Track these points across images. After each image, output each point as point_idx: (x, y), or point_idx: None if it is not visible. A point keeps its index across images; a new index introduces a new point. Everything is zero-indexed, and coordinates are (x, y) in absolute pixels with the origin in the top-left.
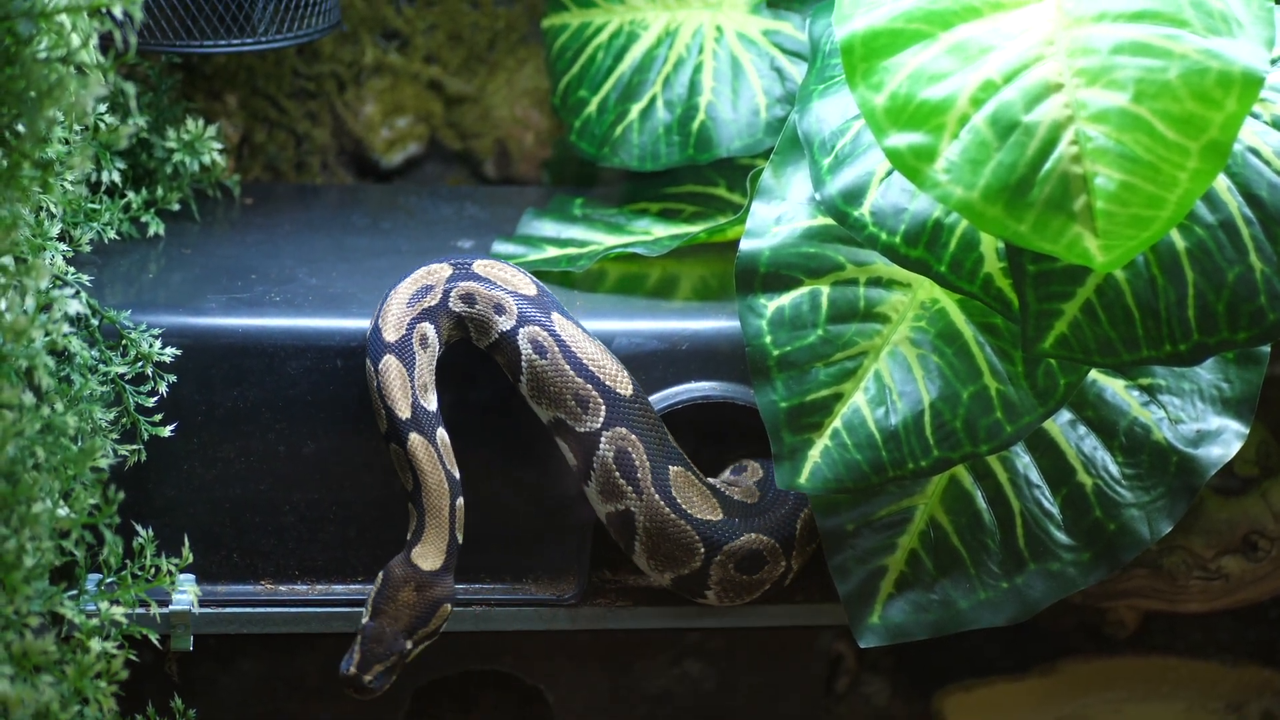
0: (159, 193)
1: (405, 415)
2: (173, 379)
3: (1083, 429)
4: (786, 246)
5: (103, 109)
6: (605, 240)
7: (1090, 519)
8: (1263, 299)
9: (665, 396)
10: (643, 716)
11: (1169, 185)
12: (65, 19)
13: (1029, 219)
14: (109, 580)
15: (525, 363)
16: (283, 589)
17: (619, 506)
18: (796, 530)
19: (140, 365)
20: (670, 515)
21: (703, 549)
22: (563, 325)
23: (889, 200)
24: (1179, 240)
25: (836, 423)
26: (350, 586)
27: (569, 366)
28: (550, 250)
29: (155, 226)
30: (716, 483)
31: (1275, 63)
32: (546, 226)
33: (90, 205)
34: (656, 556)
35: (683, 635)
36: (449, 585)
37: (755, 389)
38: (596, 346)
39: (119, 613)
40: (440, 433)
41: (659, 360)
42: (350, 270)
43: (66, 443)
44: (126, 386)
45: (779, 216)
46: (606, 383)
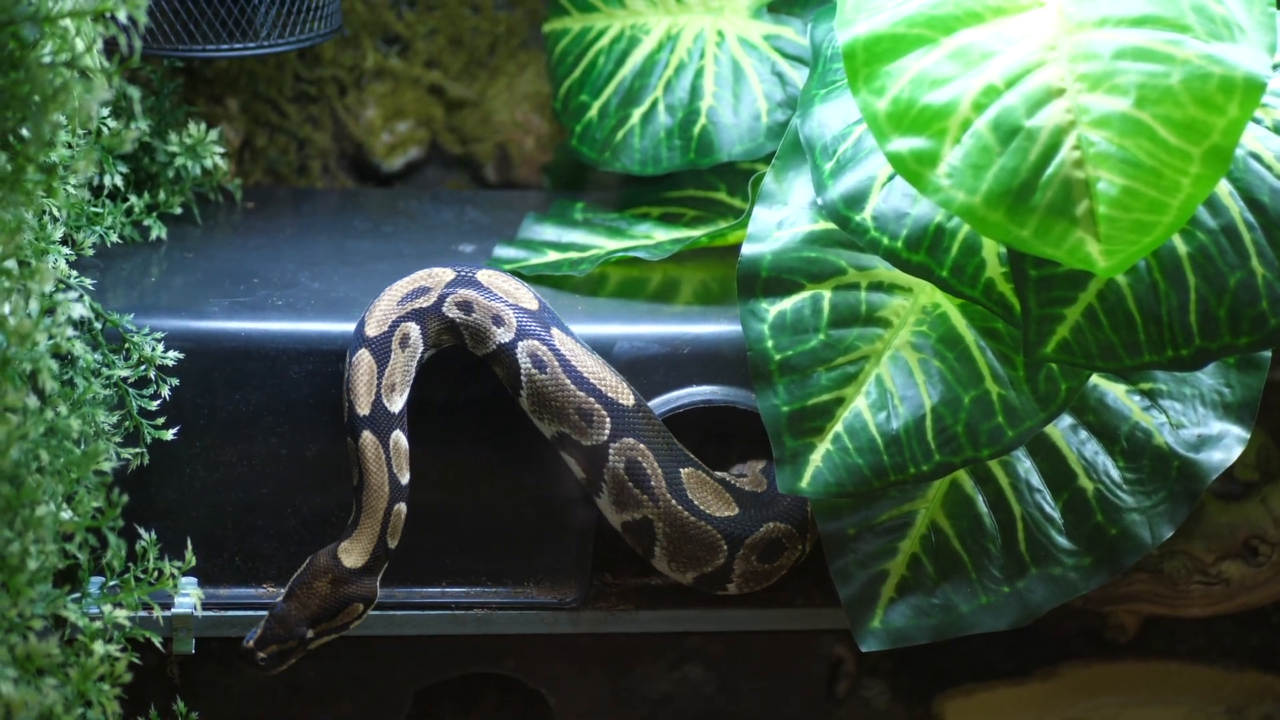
0: (161, 196)
1: (363, 412)
2: (175, 382)
3: (1084, 434)
4: (788, 251)
5: (105, 113)
6: (606, 244)
7: (1091, 524)
8: (1264, 304)
9: (667, 401)
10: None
11: (1171, 190)
12: (69, 23)
13: (1031, 224)
14: (112, 583)
15: (525, 377)
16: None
17: (635, 516)
18: (808, 513)
19: (143, 369)
20: (690, 518)
21: (725, 545)
22: (562, 340)
23: (891, 205)
24: (1181, 245)
25: (838, 427)
26: None
27: (569, 381)
28: (551, 254)
29: (157, 230)
30: (725, 476)
31: (1277, 68)
32: (547, 231)
33: (93, 209)
34: (679, 559)
35: (683, 639)
36: (367, 586)
37: (757, 393)
38: (596, 360)
39: (122, 616)
40: (397, 435)
41: (660, 364)
42: (352, 274)
43: (70, 446)
44: (129, 390)
45: (781, 221)
46: (609, 395)
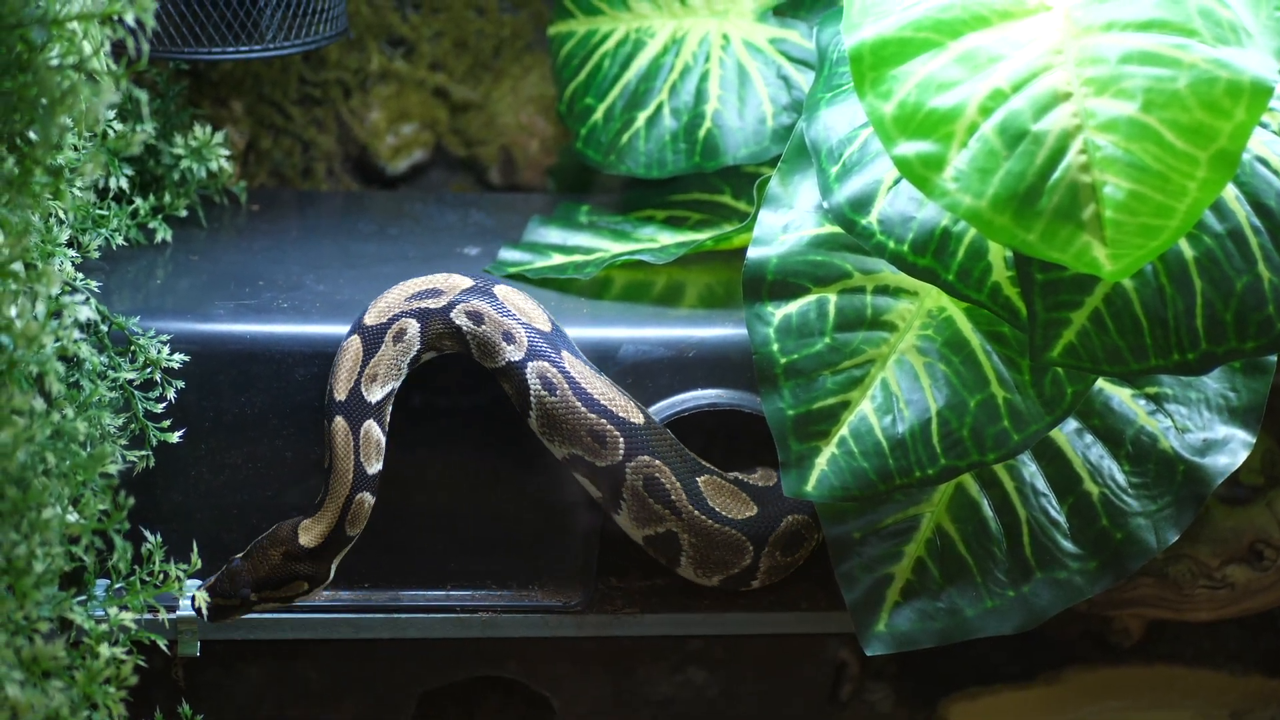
0: (166, 199)
1: (340, 397)
2: (180, 385)
3: (1089, 437)
4: (794, 254)
5: (111, 115)
6: (611, 247)
7: (1097, 528)
8: (1270, 308)
9: (672, 404)
10: None
11: (1178, 194)
12: (77, 26)
13: (1037, 228)
14: (118, 586)
15: (534, 398)
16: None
17: (659, 530)
18: None
19: (149, 371)
20: (715, 526)
21: (751, 546)
22: (572, 363)
23: (897, 208)
24: (1187, 249)
25: (843, 431)
26: (356, 593)
27: (580, 404)
28: (556, 257)
29: (162, 233)
30: (738, 476)
31: None
32: (552, 234)
33: (98, 211)
34: (706, 565)
35: (686, 642)
36: (316, 568)
37: (762, 396)
38: (604, 382)
39: (128, 618)
40: (370, 425)
41: (666, 368)
42: (357, 276)
43: (76, 449)
44: (135, 392)
45: (786, 224)
46: (620, 415)
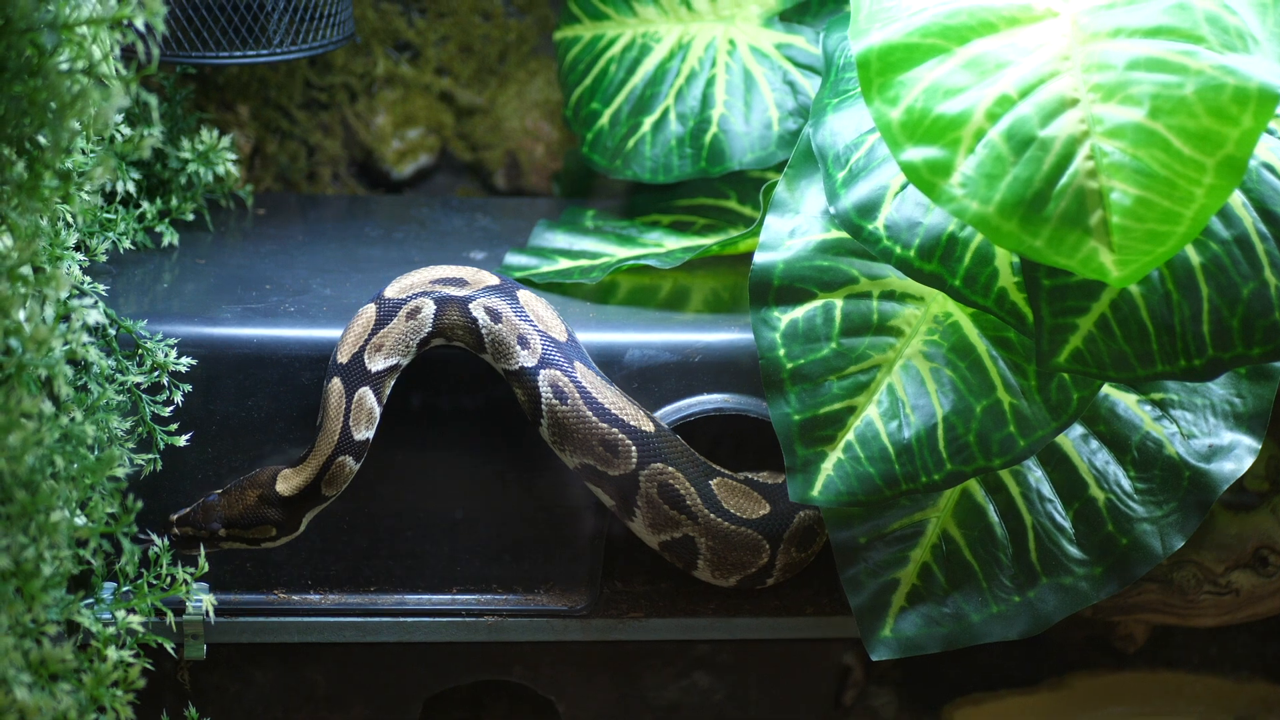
0: (173, 203)
1: (341, 360)
2: (187, 388)
3: (1095, 443)
4: (800, 260)
5: (118, 119)
6: (617, 252)
7: (1102, 533)
8: (1277, 314)
9: (678, 409)
10: None
11: (1185, 201)
12: (86, 31)
13: (1044, 234)
14: (125, 589)
15: (545, 406)
16: (295, 598)
17: (675, 535)
18: None
19: (156, 375)
20: (731, 527)
21: (767, 544)
22: (584, 373)
23: (903, 214)
24: (1194, 255)
25: (849, 435)
26: (363, 597)
27: (591, 413)
28: (562, 262)
29: (169, 236)
30: (749, 475)
31: None
32: (558, 238)
33: (106, 215)
34: (723, 567)
35: (692, 647)
36: (288, 518)
37: (768, 401)
38: (615, 392)
39: (135, 621)
40: (365, 393)
41: (672, 372)
42: (364, 280)
43: (84, 452)
44: (143, 396)
45: (793, 230)
46: (631, 423)
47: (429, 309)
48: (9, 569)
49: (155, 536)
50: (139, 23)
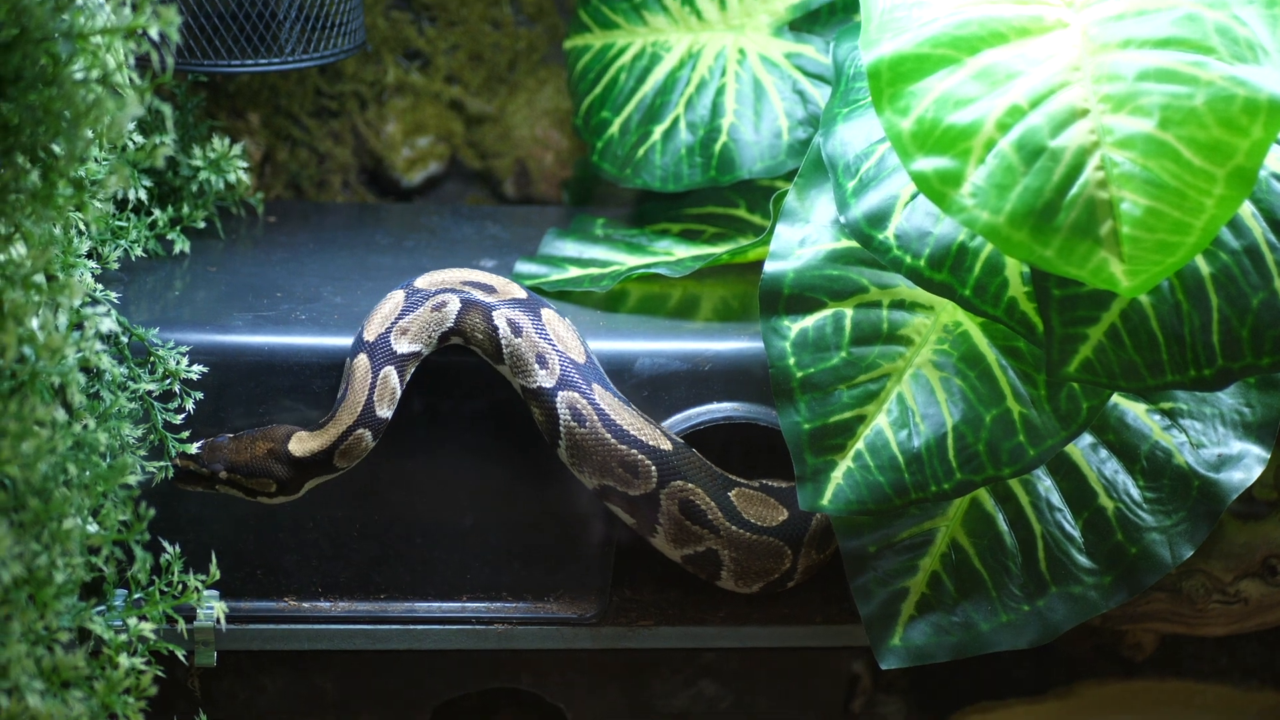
0: (185, 210)
1: (368, 338)
2: (199, 395)
3: (1104, 452)
4: (810, 269)
5: (131, 127)
6: (627, 261)
7: (1111, 542)
8: None
9: (688, 417)
10: None
11: (1195, 211)
12: (101, 40)
13: (1055, 244)
14: (137, 596)
15: (564, 428)
16: (306, 606)
17: (698, 549)
18: None
19: (168, 382)
20: (754, 537)
21: (789, 549)
22: (602, 395)
23: (914, 224)
24: (1204, 266)
25: (859, 444)
26: (373, 604)
27: (610, 435)
28: (572, 270)
29: (181, 244)
30: (763, 481)
31: None
32: (568, 246)
33: (117, 223)
34: (747, 575)
35: (700, 655)
36: (291, 478)
37: (778, 410)
38: (632, 412)
39: (147, 629)
40: (390, 371)
41: (682, 381)
42: (375, 288)
43: (97, 460)
44: (155, 403)
45: (803, 239)
46: (650, 443)
47: (454, 305)
48: (22, 576)
49: (167, 544)
50: (153, 32)
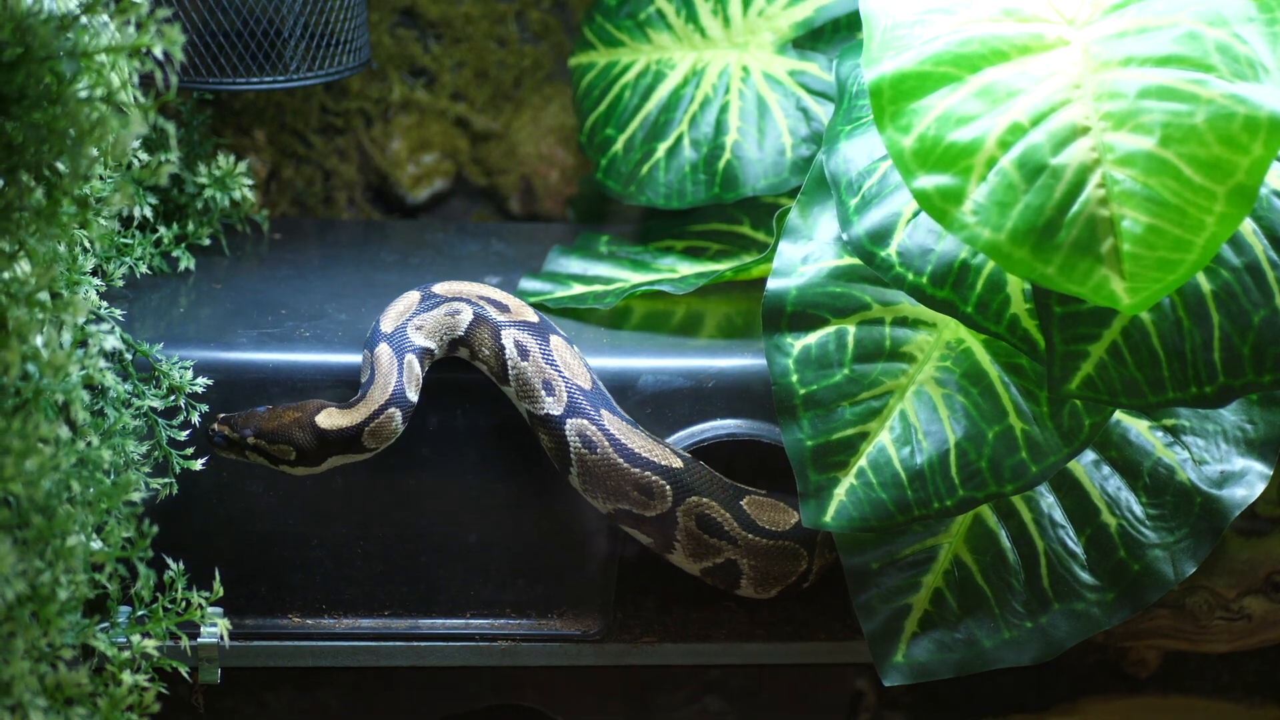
0: (190, 228)
1: (386, 329)
2: (204, 408)
3: (1107, 469)
4: (813, 286)
5: (136, 145)
6: (631, 278)
7: (1114, 559)
8: None
9: (691, 434)
10: None
11: (1195, 229)
12: (105, 59)
13: (1056, 261)
14: (140, 613)
15: (575, 455)
16: (310, 623)
17: (717, 561)
18: None
19: (173, 399)
20: (771, 543)
21: (804, 551)
22: (611, 420)
23: (916, 241)
24: (1205, 283)
25: (862, 461)
26: (377, 621)
27: (623, 460)
28: (577, 287)
29: (186, 261)
30: (767, 490)
31: None
32: (573, 263)
33: (122, 240)
34: (765, 581)
35: (704, 671)
36: (315, 450)
37: (781, 427)
38: (641, 435)
39: (151, 645)
40: (411, 358)
41: (685, 398)
42: (379, 305)
43: (101, 477)
44: (159, 420)
45: (806, 256)
46: (662, 463)
47: (466, 316)
48: (25, 593)
49: (171, 560)
50: (157, 50)
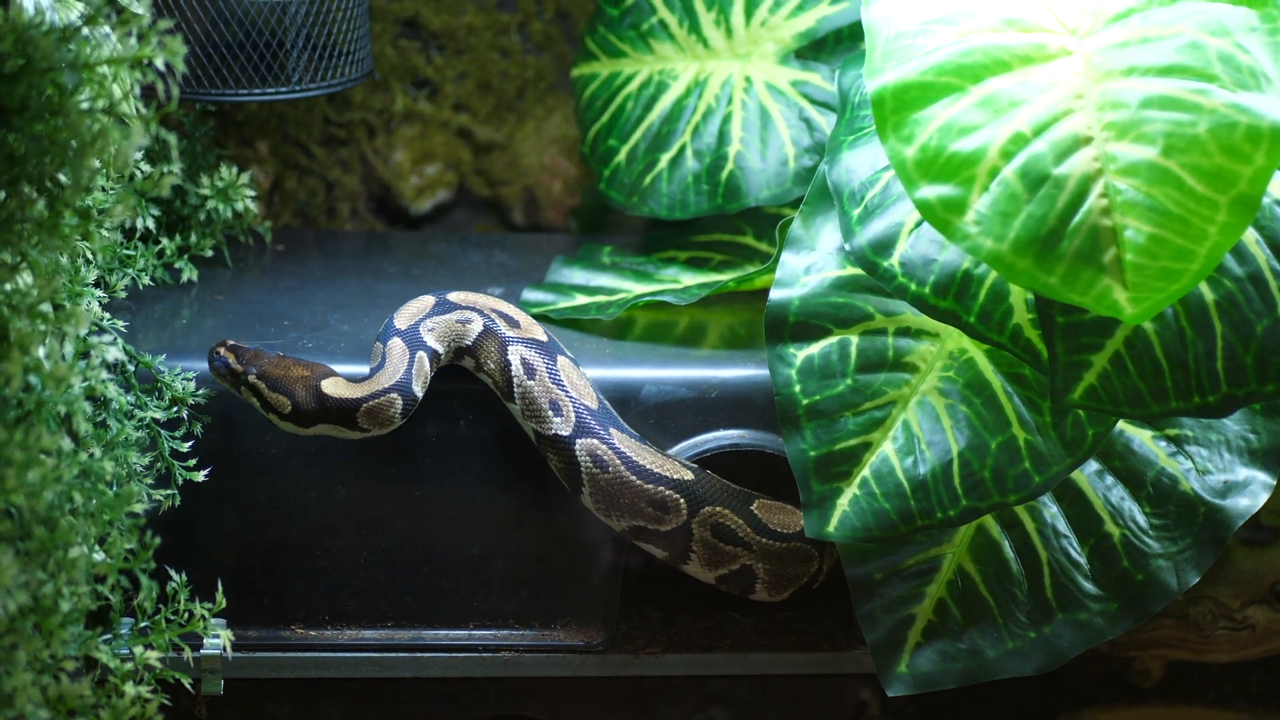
0: (192, 239)
1: (400, 326)
2: (207, 419)
3: (1110, 479)
4: (816, 296)
5: (138, 156)
6: (634, 288)
7: (1118, 569)
8: None
9: (694, 444)
10: None
11: (1198, 238)
12: (107, 70)
13: (1059, 271)
14: (143, 625)
15: (586, 475)
16: (312, 634)
17: (733, 567)
18: None
19: (175, 410)
20: (784, 545)
21: (816, 550)
22: (621, 438)
23: (918, 251)
24: (1208, 293)
25: (865, 472)
26: (380, 632)
27: (635, 476)
28: (579, 298)
29: (188, 272)
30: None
31: None
32: (576, 274)
33: (125, 251)
34: (780, 584)
35: (708, 682)
36: (309, 409)
37: (784, 437)
38: (651, 451)
39: (153, 657)
40: (422, 355)
41: (688, 408)
42: (382, 316)
43: (103, 488)
44: (161, 431)
45: (808, 266)
46: (675, 477)
47: (476, 326)
48: (28, 605)
49: (173, 572)
50: (159, 62)
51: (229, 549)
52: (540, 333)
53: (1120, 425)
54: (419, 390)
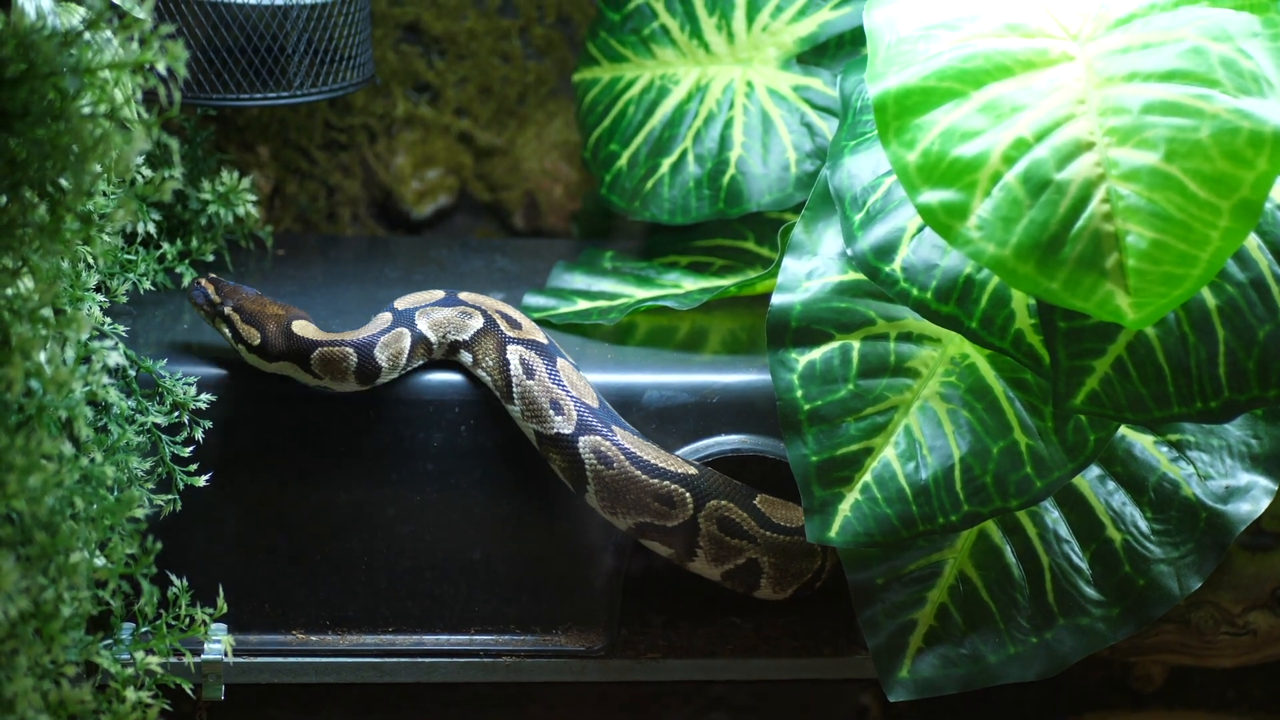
0: (193, 244)
1: (398, 307)
2: (208, 424)
3: (1112, 484)
4: (818, 301)
5: (139, 161)
6: (635, 293)
7: (1119, 574)
8: None
9: (696, 450)
10: None
11: (1200, 244)
12: (108, 75)
13: (1061, 276)
14: (144, 630)
15: (591, 472)
16: (313, 639)
17: (738, 562)
18: None
19: (176, 415)
20: (789, 539)
21: (819, 546)
22: (624, 435)
23: (920, 256)
24: (1210, 298)
25: (867, 477)
26: (381, 637)
27: (640, 471)
28: (581, 303)
29: (190, 277)
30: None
31: None
32: (577, 279)
33: (126, 256)
34: (784, 580)
35: (709, 687)
36: (274, 344)
37: (786, 442)
38: (654, 448)
39: (154, 662)
40: (403, 332)
41: (690, 413)
42: None
43: (104, 493)
44: (162, 436)
45: (810, 271)
46: (679, 471)
47: (477, 323)
48: (28, 610)
49: (174, 577)
50: (160, 66)
51: (230, 554)
52: (541, 336)
53: (1122, 430)
54: (382, 358)
